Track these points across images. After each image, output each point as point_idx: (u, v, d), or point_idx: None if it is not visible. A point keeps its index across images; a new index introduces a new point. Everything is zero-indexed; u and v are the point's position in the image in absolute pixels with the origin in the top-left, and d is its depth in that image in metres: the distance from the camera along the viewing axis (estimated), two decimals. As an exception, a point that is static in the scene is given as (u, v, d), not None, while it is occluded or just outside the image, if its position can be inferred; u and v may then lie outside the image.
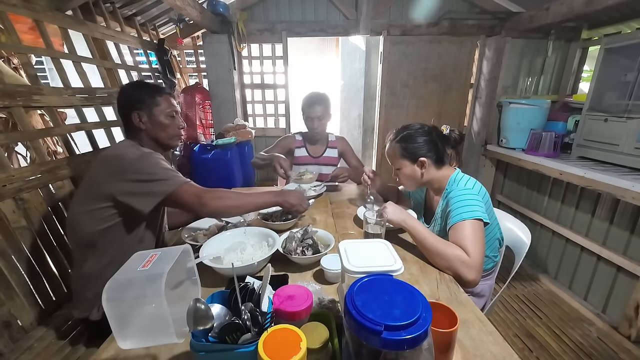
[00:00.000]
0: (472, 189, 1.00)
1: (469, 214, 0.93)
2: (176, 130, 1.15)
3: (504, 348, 0.63)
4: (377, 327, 0.41)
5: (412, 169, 1.10)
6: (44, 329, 1.20)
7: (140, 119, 1.08)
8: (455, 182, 1.06)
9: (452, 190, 1.03)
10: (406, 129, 1.11)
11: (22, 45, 1.40)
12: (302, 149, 1.86)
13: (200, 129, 2.78)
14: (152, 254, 0.60)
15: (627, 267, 1.64)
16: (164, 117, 1.10)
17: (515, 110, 2.28)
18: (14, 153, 2.07)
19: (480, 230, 0.93)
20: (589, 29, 2.29)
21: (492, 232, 1.10)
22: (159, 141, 1.13)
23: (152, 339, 0.56)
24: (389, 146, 1.14)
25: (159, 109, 1.10)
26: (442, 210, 1.08)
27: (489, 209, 1.04)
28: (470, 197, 0.97)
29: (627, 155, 1.63)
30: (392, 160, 1.15)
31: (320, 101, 1.72)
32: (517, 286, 2.09)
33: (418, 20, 2.55)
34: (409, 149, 1.09)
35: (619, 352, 1.55)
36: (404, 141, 1.10)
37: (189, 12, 1.84)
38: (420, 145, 1.08)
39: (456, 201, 0.98)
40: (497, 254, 1.16)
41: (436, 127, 1.12)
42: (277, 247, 0.92)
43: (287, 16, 2.58)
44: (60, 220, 1.42)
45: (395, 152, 1.11)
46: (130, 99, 1.08)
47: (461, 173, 1.09)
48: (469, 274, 0.86)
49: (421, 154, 1.08)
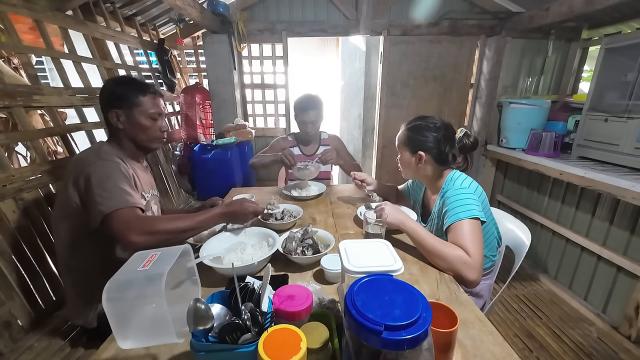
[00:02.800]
0: (467, 188, 1.00)
1: (465, 214, 0.93)
2: (157, 132, 1.07)
3: (504, 348, 0.63)
4: (377, 327, 0.41)
5: (409, 159, 1.12)
6: (44, 329, 1.20)
7: (117, 118, 1.01)
8: (452, 181, 1.06)
9: (448, 189, 1.03)
10: (421, 119, 1.11)
11: (23, 45, 1.40)
12: (295, 148, 1.87)
13: (200, 129, 2.78)
14: (152, 253, 0.59)
15: (627, 267, 1.64)
16: (144, 118, 1.02)
17: (515, 110, 2.28)
18: (14, 153, 2.07)
19: (478, 229, 0.93)
20: (589, 29, 2.29)
21: (490, 232, 1.10)
22: (137, 143, 1.06)
23: (152, 339, 0.56)
24: (400, 131, 1.16)
25: (140, 109, 1.02)
26: (438, 210, 1.08)
27: (485, 207, 1.04)
28: (467, 196, 0.97)
29: (628, 155, 1.63)
30: (397, 144, 1.17)
31: (314, 105, 1.72)
32: (517, 286, 2.09)
33: (418, 20, 2.55)
34: (412, 139, 1.10)
35: (619, 352, 1.55)
36: (412, 131, 1.11)
37: (189, 12, 1.84)
38: (425, 139, 1.07)
39: (453, 200, 0.98)
40: (496, 253, 1.16)
41: (449, 127, 1.10)
42: (277, 247, 0.92)
43: (287, 16, 2.58)
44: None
45: (401, 138, 1.14)
46: (110, 96, 1.01)
47: (458, 172, 1.09)
48: (471, 274, 0.86)
49: (422, 148, 1.08)
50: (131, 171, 1.00)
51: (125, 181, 0.93)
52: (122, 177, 0.92)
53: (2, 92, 1.26)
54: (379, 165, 2.97)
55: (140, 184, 1.06)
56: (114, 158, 0.96)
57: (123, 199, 0.87)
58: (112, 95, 1.01)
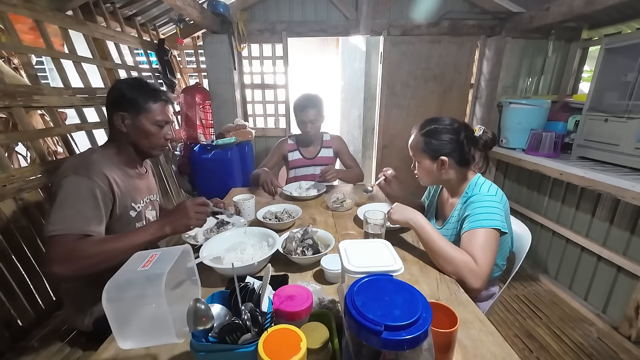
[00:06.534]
0: (494, 196, 0.95)
1: (488, 222, 0.90)
2: (161, 140, 1.04)
3: (504, 348, 0.63)
4: (377, 327, 0.41)
5: (431, 166, 1.04)
6: (44, 328, 1.20)
7: (122, 121, 0.97)
8: (477, 186, 1.00)
9: (473, 194, 0.98)
10: (434, 122, 1.03)
11: (23, 45, 1.40)
12: (296, 152, 1.85)
13: (200, 129, 2.78)
14: (152, 254, 0.59)
15: (627, 268, 1.64)
16: (150, 124, 0.99)
17: (515, 110, 2.28)
18: (15, 153, 2.07)
19: (495, 240, 0.90)
20: (589, 29, 2.29)
21: (506, 242, 1.05)
22: (138, 148, 1.03)
23: (152, 339, 0.56)
24: (412, 137, 1.07)
25: (148, 115, 0.98)
26: (458, 214, 1.02)
27: (507, 217, 1.00)
28: (493, 204, 0.93)
29: (628, 156, 1.63)
30: (413, 152, 1.08)
31: (313, 104, 1.67)
32: (518, 286, 2.09)
33: (418, 21, 2.55)
34: (431, 144, 1.01)
35: (620, 352, 1.55)
36: (428, 135, 1.02)
37: (189, 12, 1.84)
38: (445, 143, 1.00)
39: (477, 207, 0.94)
40: (505, 262, 1.12)
41: (467, 126, 1.04)
42: (277, 247, 0.92)
43: (288, 16, 2.58)
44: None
45: (417, 145, 1.05)
46: (118, 97, 0.97)
47: (482, 177, 1.04)
48: (475, 282, 0.85)
49: (444, 152, 1.01)
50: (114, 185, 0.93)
51: (90, 202, 0.85)
52: (87, 198, 0.85)
53: (2, 92, 1.26)
54: (379, 165, 2.97)
55: (132, 192, 1.02)
56: (93, 174, 0.88)
57: (70, 225, 0.80)
58: (121, 97, 0.97)
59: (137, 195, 1.05)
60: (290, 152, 1.85)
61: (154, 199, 1.16)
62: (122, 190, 0.97)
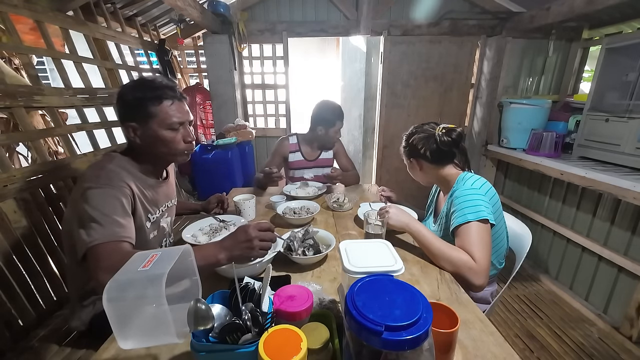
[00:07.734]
0: (478, 189, 0.97)
1: (473, 215, 0.91)
2: (181, 144, 0.92)
3: (504, 348, 0.63)
4: (378, 327, 0.41)
5: (412, 167, 1.17)
6: (45, 328, 1.20)
7: (134, 132, 0.88)
8: (462, 181, 1.03)
9: (457, 189, 1.01)
10: (414, 128, 1.15)
11: (24, 45, 1.40)
12: (297, 153, 1.83)
13: (200, 129, 2.79)
14: (153, 254, 0.59)
15: (628, 268, 1.63)
16: (163, 130, 0.88)
17: (516, 110, 2.28)
18: (15, 153, 2.07)
19: (486, 232, 0.91)
20: (590, 28, 2.29)
21: (500, 237, 1.06)
22: (159, 157, 0.95)
23: (153, 339, 0.56)
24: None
25: (157, 120, 0.87)
26: (447, 210, 1.06)
27: (497, 211, 1.01)
28: (475, 197, 0.95)
29: (629, 156, 1.63)
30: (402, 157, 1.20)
31: (341, 117, 1.72)
32: (518, 286, 2.09)
33: (419, 20, 2.55)
34: (405, 149, 1.16)
35: (620, 352, 1.55)
36: (405, 140, 1.16)
37: (189, 12, 1.84)
38: (415, 146, 1.10)
39: (461, 201, 0.96)
40: (503, 261, 1.13)
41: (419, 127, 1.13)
42: (279, 248, 0.92)
43: (288, 16, 2.58)
44: (61, 220, 1.42)
45: (401, 151, 1.19)
46: (123, 106, 0.88)
47: (470, 174, 1.06)
48: (476, 280, 0.86)
49: (414, 155, 1.11)
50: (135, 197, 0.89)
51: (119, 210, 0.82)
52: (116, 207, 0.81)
53: (3, 92, 1.26)
54: (379, 165, 2.97)
55: (151, 203, 0.97)
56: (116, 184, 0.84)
57: (109, 232, 0.76)
58: (125, 106, 0.88)
59: (154, 206, 1.00)
60: (291, 153, 1.84)
61: (170, 205, 1.11)
62: (142, 202, 0.93)
